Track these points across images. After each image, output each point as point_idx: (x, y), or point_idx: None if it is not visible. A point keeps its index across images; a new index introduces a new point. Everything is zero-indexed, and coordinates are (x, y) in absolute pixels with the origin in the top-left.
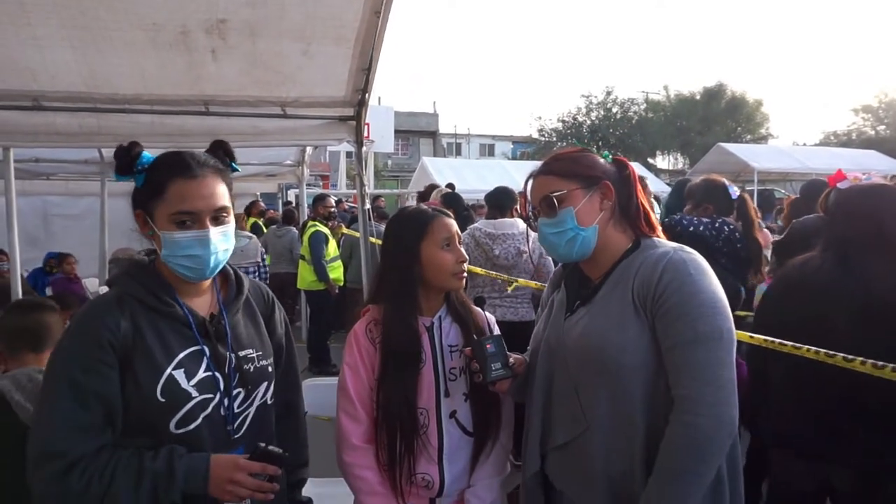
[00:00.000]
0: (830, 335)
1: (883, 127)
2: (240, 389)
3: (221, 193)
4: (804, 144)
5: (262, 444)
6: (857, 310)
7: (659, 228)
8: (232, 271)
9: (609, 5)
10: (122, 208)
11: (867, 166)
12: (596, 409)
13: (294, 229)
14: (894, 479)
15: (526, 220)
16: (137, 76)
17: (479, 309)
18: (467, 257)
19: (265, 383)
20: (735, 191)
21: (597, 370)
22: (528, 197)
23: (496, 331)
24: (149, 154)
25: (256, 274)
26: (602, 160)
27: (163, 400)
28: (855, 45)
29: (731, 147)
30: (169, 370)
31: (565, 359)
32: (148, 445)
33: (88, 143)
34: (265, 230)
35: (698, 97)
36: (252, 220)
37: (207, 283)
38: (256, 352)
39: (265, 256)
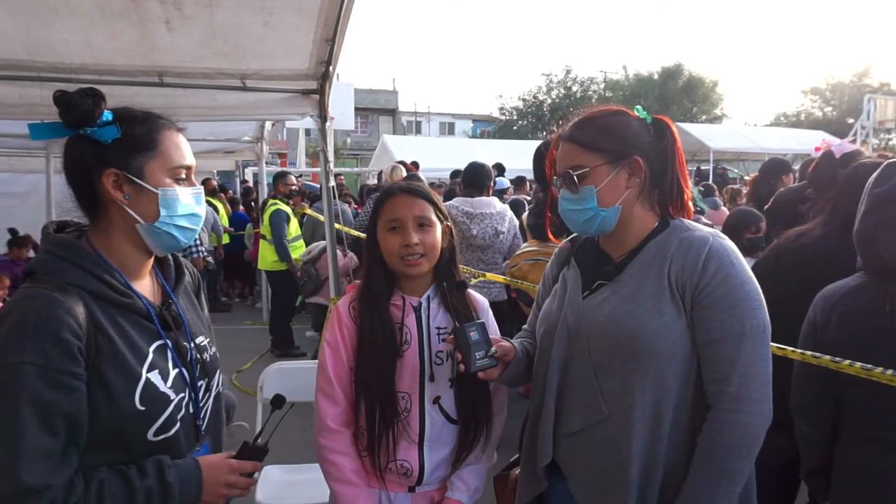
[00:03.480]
0: None
1: (830, 108)
2: (202, 382)
3: None
4: (755, 125)
5: (249, 442)
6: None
7: (691, 210)
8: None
9: None
10: None
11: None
12: (621, 397)
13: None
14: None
15: (549, 183)
16: (84, 45)
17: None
18: (417, 241)
19: (218, 371)
20: None
21: (627, 355)
22: (556, 161)
23: (486, 315)
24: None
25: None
26: (637, 123)
27: (142, 408)
28: (804, 29)
29: (688, 127)
30: (144, 374)
31: (587, 341)
32: (118, 460)
33: (31, 115)
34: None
35: (656, 77)
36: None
37: (150, 265)
38: (206, 339)
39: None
